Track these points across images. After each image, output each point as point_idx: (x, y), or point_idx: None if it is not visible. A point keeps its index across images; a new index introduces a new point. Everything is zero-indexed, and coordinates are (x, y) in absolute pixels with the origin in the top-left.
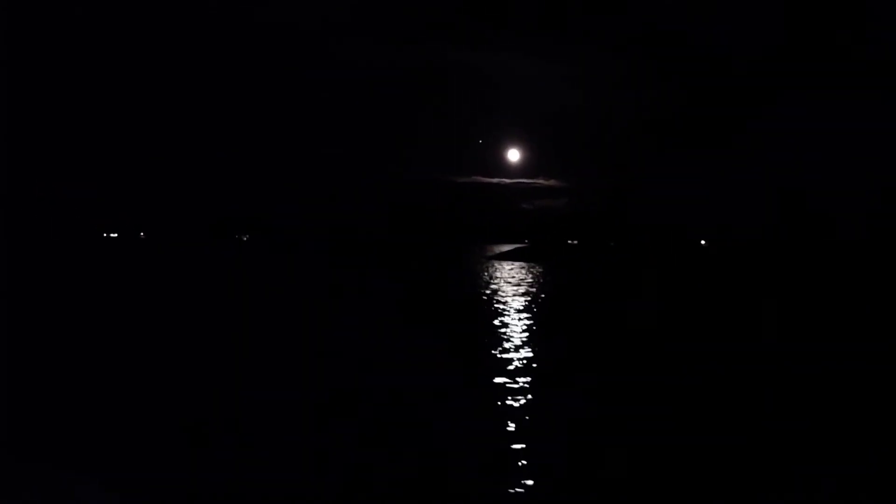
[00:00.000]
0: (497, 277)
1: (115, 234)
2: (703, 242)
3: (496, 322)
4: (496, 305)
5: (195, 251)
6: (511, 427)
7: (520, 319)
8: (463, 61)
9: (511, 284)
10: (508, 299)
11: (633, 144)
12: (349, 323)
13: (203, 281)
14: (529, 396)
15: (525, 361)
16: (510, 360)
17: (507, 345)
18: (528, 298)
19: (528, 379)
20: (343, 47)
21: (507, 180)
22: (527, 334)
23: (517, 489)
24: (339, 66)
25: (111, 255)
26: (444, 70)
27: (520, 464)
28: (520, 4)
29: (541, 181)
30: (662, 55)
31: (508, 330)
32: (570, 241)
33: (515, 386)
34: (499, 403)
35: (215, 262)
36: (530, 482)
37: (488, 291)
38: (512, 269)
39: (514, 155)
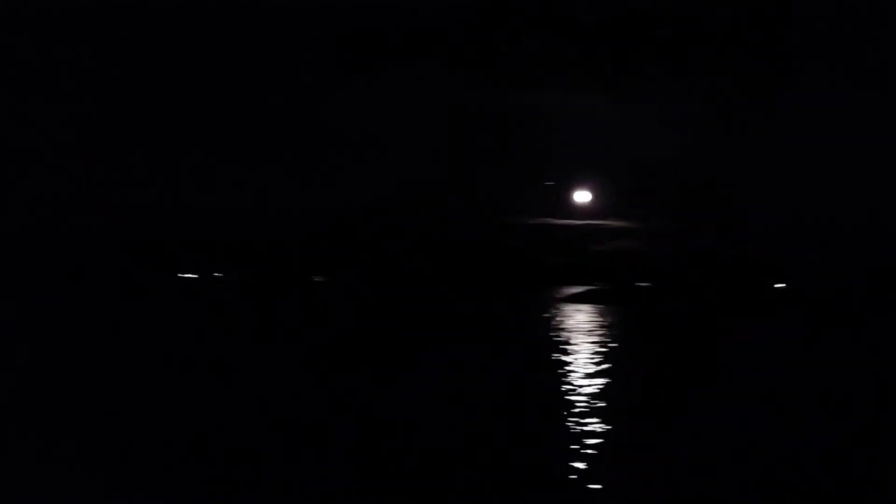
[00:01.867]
0: (571, 321)
1: (195, 276)
2: (781, 285)
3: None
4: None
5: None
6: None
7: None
8: (523, 101)
9: (587, 330)
10: (589, 344)
11: (703, 186)
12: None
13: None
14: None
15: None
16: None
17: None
18: (615, 343)
19: None
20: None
21: (577, 222)
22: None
23: None
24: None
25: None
26: (505, 110)
27: None
28: (582, 49)
29: (611, 222)
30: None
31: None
32: (640, 284)
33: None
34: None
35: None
36: None
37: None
38: (584, 311)
39: (583, 196)
